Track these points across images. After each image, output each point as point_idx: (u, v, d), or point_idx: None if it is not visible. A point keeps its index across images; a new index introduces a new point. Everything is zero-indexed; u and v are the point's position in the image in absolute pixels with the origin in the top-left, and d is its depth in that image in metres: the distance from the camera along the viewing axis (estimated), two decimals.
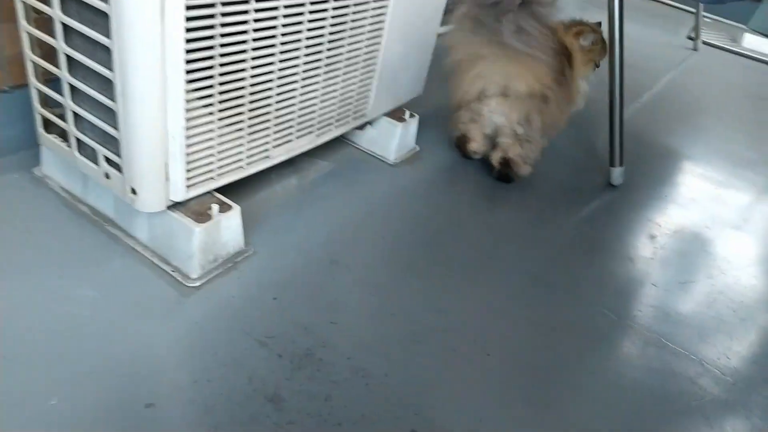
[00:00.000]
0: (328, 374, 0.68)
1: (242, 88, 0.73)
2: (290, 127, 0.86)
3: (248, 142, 0.79)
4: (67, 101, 0.71)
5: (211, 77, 0.68)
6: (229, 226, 0.77)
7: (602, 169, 1.26)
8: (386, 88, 1.05)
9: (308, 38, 0.80)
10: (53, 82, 0.72)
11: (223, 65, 0.69)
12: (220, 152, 0.75)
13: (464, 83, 1.06)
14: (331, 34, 0.84)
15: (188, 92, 0.66)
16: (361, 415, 0.65)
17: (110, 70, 0.63)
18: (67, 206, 0.82)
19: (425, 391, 0.70)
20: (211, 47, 0.66)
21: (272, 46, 0.75)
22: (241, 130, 0.77)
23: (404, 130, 1.11)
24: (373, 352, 0.73)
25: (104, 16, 0.59)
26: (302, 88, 0.84)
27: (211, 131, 0.72)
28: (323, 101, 0.91)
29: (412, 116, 1.12)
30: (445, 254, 0.93)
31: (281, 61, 0.77)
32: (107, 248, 0.77)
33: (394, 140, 1.10)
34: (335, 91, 0.92)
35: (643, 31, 2.42)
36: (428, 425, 0.66)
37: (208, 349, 0.68)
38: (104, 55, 0.62)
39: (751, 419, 0.77)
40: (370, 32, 0.93)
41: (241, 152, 0.79)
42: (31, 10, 0.69)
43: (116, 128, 0.67)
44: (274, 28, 0.73)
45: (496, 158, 1.12)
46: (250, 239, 0.83)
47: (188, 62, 0.64)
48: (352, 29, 0.88)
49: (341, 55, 0.89)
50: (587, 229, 1.09)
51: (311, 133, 0.92)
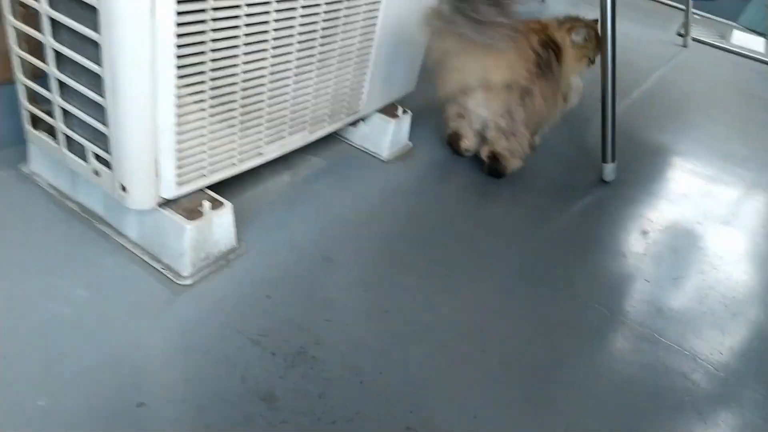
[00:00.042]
0: (321, 372, 0.68)
1: (234, 83, 0.73)
2: (283, 123, 0.86)
3: (240, 138, 0.79)
4: (55, 97, 0.70)
5: (202, 72, 0.67)
6: (220, 223, 0.77)
7: (594, 165, 1.26)
8: (379, 83, 1.04)
9: (301, 33, 0.80)
10: (41, 78, 0.71)
11: (214, 60, 0.68)
12: (211, 149, 0.75)
13: (443, 78, 1.06)
14: (324, 29, 0.84)
15: (179, 87, 0.65)
16: (355, 413, 0.64)
17: (99, 65, 0.62)
18: (55, 204, 0.81)
19: (420, 388, 0.69)
20: (202, 42, 0.65)
21: (264, 41, 0.74)
22: (233, 126, 0.76)
23: (397, 126, 1.10)
24: (367, 349, 0.72)
25: (93, 10, 0.59)
26: (295, 83, 0.84)
27: (202, 127, 0.71)
28: (316, 97, 0.90)
29: (405, 112, 1.12)
30: (438, 251, 0.92)
31: (273, 56, 0.77)
32: (97, 246, 0.76)
33: (386, 137, 1.10)
34: (328, 86, 0.92)
35: (632, 27, 2.43)
36: (423, 423, 0.65)
37: (200, 347, 0.67)
38: (93, 50, 0.62)
39: (743, 414, 0.78)
40: (363, 27, 0.92)
41: (233, 149, 0.78)
42: (17, 4, 0.68)
43: (105, 124, 0.66)
44: (266, 22, 0.73)
45: (485, 153, 1.13)
46: (242, 237, 0.83)
47: (179, 57, 0.63)
48: (345, 24, 0.88)
49: (334, 50, 0.89)
50: (580, 225, 1.09)
51: (304, 129, 0.91)
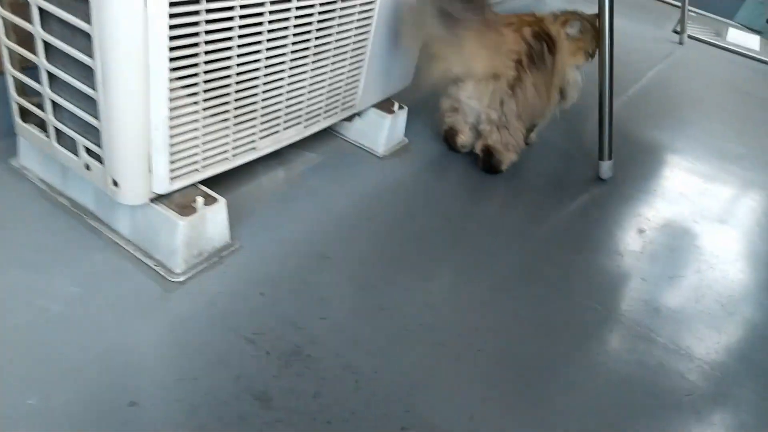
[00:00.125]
0: (316, 371, 0.67)
1: (228, 76, 0.72)
2: (277, 117, 0.85)
3: (234, 132, 0.78)
4: (45, 90, 0.69)
5: (195, 65, 0.66)
6: (214, 219, 0.76)
7: (591, 162, 1.26)
8: (375, 78, 1.03)
9: (296, 26, 0.78)
10: (30, 69, 0.70)
11: (208, 53, 0.67)
12: (205, 143, 0.74)
13: (428, 67, 1.05)
14: (319, 22, 0.83)
15: (172, 80, 0.64)
16: (350, 412, 0.64)
17: (90, 57, 0.61)
18: (45, 198, 0.79)
19: (415, 387, 0.69)
20: (195, 34, 0.64)
21: (259, 33, 0.73)
22: (226, 120, 0.75)
23: (393, 122, 1.09)
24: (362, 348, 0.71)
25: (84, 0, 0.57)
26: (290, 77, 0.83)
27: (195, 121, 0.70)
28: (311, 91, 0.89)
29: (401, 108, 1.11)
30: (434, 249, 0.92)
31: (268, 49, 0.76)
32: (88, 242, 0.75)
33: (382, 132, 1.09)
34: (323, 81, 0.90)
35: (628, 24, 2.43)
36: (418, 422, 0.65)
37: (193, 346, 0.66)
38: (84, 41, 0.60)
39: (739, 414, 0.77)
40: (359, 21, 0.91)
41: (226, 143, 0.77)
42: None
43: (97, 118, 0.65)
44: (261, 15, 0.72)
45: (478, 147, 1.13)
46: (236, 233, 0.81)
47: (172, 49, 0.62)
48: (341, 17, 0.87)
49: (330, 44, 0.87)
50: (576, 222, 1.09)
51: (299, 124, 0.90)
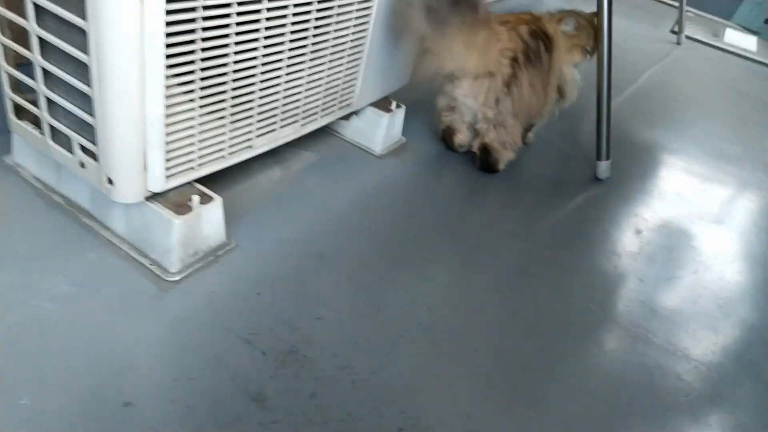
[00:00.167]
0: (313, 372, 0.67)
1: (225, 74, 0.71)
2: (274, 116, 0.84)
3: (230, 130, 0.77)
4: (39, 86, 0.68)
5: (192, 62, 0.66)
6: (210, 218, 0.75)
7: (588, 162, 1.26)
8: (373, 76, 1.03)
9: (293, 23, 0.78)
10: (25, 65, 0.69)
11: (204, 50, 0.67)
12: (201, 141, 0.73)
13: (421, 62, 1.05)
14: (317, 19, 0.82)
15: (168, 78, 0.64)
16: (346, 413, 0.63)
17: (86, 53, 0.60)
18: (39, 196, 0.79)
19: (412, 388, 0.68)
20: (192, 31, 0.64)
21: (256, 30, 0.72)
22: (223, 118, 0.75)
23: (390, 120, 1.09)
24: (359, 348, 0.71)
25: None
26: (287, 75, 0.82)
27: (191, 119, 0.70)
28: (308, 89, 0.88)
29: (398, 106, 1.10)
30: (431, 248, 0.91)
31: (265, 46, 0.75)
32: (82, 240, 0.74)
33: (380, 131, 1.08)
34: (321, 79, 0.90)
35: (626, 24, 2.43)
36: (415, 423, 0.64)
37: (188, 346, 0.66)
38: (79, 37, 0.60)
39: (735, 415, 0.77)
40: (356, 18, 0.91)
41: (223, 141, 0.77)
42: None
43: (92, 115, 0.64)
44: (258, 11, 0.71)
45: (476, 146, 1.12)
46: (232, 232, 0.81)
47: (168, 46, 0.62)
48: (338, 15, 0.86)
49: (327, 41, 0.87)
50: (573, 223, 1.09)
51: (296, 122, 0.90)
